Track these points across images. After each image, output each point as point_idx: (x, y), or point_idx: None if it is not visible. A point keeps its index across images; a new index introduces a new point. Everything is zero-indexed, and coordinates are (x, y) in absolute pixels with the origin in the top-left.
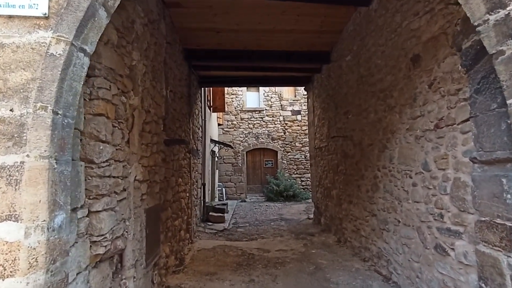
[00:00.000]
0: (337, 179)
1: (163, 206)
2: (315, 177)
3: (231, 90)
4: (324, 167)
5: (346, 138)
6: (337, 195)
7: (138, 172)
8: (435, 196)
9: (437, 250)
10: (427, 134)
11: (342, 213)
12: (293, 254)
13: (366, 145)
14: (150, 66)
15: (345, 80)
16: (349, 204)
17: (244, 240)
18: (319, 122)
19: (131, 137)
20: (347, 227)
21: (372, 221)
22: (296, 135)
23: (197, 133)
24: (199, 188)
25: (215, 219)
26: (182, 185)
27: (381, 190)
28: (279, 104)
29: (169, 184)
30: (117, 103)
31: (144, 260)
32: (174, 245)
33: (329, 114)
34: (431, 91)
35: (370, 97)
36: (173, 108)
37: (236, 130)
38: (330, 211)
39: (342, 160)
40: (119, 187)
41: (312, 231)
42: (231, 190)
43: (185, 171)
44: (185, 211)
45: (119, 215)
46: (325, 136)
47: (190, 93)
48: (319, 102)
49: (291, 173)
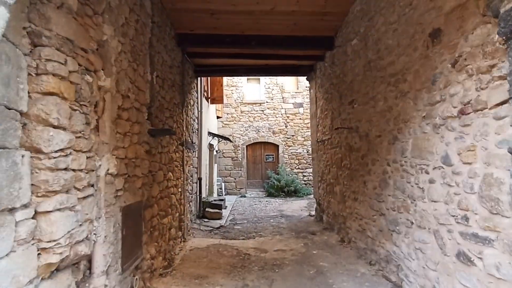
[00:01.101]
0: (340, 174)
1: (147, 203)
2: (317, 172)
3: (230, 82)
4: (326, 162)
5: (351, 130)
6: (341, 192)
7: (111, 165)
8: (458, 195)
9: (460, 258)
10: (449, 122)
11: (346, 211)
12: (293, 255)
13: (373, 137)
14: (129, 46)
15: (351, 67)
16: (354, 202)
17: (241, 238)
18: (322, 113)
19: (101, 124)
20: (351, 226)
21: (380, 221)
22: (298, 129)
23: (192, 125)
24: (194, 183)
25: (212, 216)
26: (173, 179)
27: (390, 187)
28: (280, 96)
29: (156, 179)
30: (78, 82)
31: (119, 265)
32: (162, 245)
33: (333, 105)
34: (454, 71)
35: (379, 83)
36: (162, 96)
37: (236, 123)
38: (333, 208)
39: (346, 154)
40: (82, 182)
41: (313, 229)
42: (231, 185)
43: (177, 164)
44: (177, 208)
45: (81, 215)
46: (328, 128)
47: (184, 82)
48: (322, 92)
49: (292, 168)
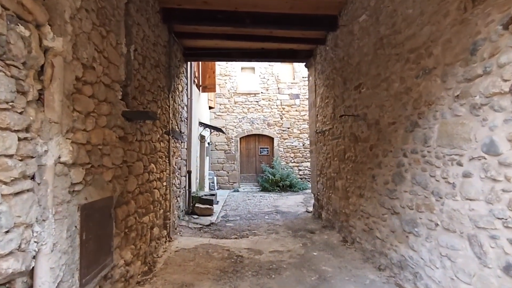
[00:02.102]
0: (343, 167)
1: (121, 200)
2: (315, 166)
3: (224, 71)
4: (327, 154)
5: (357, 118)
6: (344, 187)
7: (63, 151)
8: (507, 192)
9: (510, 273)
10: (496, 100)
11: (350, 208)
12: (291, 258)
13: (385, 124)
14: (95, 5)
15: (358, 47)
16: (359, 198)
17: (233, 237)
18: (322, 102)
19: (48, 97)
20: (355, 225)
21: (392, 220)
22: (294, 121)
23: (180, 113)
24: (183, 177)
25: (202, 212)
26: (156, 172)
27: (407, 181)
28: (276, 87)
29: (133, 171)
30: (3, 32)
31: (77, 279)
32: (142, 248)
33: (335, 92)
34: (507, 33)
35: (393, 62)
36: (143, 75)
37: (229, 114)
38: (333, 204)
39: (350, 145)
40: (10, 173)
41: (312, 227)
42: (223, 179)
43: (162, 155)
44: (161, 204)
45: (8, 219)
46: (329, 118)
47: (171, 64)
48: (323, 79)
49: (287, 161)
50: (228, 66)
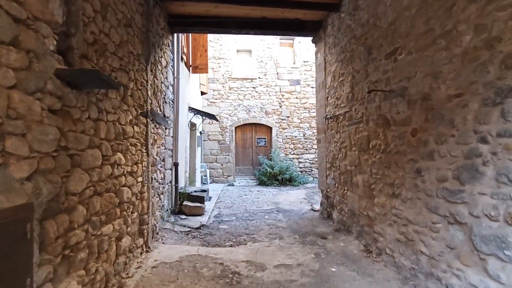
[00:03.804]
0: (366, 159)
1: (54, 207)
2: (324, 157)
3: (217, 54)
4: (341, 143)
5: (390, 95)
6: (366, 183)
7: None
8: None
9: None
10: None
11: (375, 210)
12: (303, 275)
13: (442, 99)
14: None
15: (392, 2)
16: (391, 198)
17: (228, 244)
18: (335, 81)
19: None
20: (383, 232)
21: (451, 232)
22: (294, 109)
23: (164, 92)
24: (168, 170)
25: (191, 211)
26: (126, 164)
27: (487, 179)
28: (275, 71)
29: (81, 162)
30: None
31: None
32: (99, 270)
33: (354, 66)
34: None
35: (463, 4)
36: (102, 30)
37: (224, 101)
38: (350, 204)
39: (377, 131)
40: None
41: (322, 230)
42: (217, 172)
43: (136, 142)
44: (135, 206)
45: None
46: (345, 99)
47: (150, 29)
48: (335, 53)
49: (287, 153)
50: (222, 48)
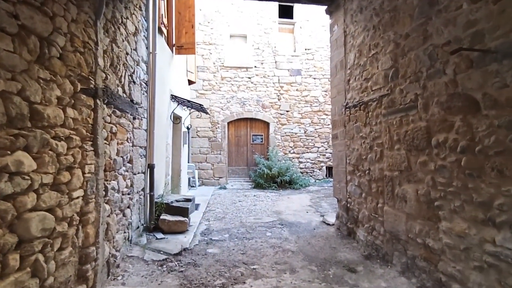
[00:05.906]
0: (424, 161)
1: None
2: (344, 158)
3: (208, 39)
4: (372, 139)
5: (485, 58)
6: (424, 197)
7: None
8: None
9: None
10: None
11: (443, 238)
12: None
13: None
14: None
15: None
16: (481, 226)
17: (218, 285)
18: (362, 57)
19: None
20: (463, 278)
21: None
22: (294, 103)
23: (131, 68)
24: (138, 174)
25: (170, 228)
26: (39, 171)
27: None
28: (273, 60)
29: None
30: None
31: None
32: None
33: (399, 29)
34: None
35: None
36: None
37: (215, 93)
38: (389, 223)
39: (450, 119)
40: None
41: (346, 256)
42: (207, 173)
43: (70, 134)
44: (66, 237)
45: None
46: (381, 78)
47: None
48: (364, 19)
49: (286, 152)
50: (214, 32)
